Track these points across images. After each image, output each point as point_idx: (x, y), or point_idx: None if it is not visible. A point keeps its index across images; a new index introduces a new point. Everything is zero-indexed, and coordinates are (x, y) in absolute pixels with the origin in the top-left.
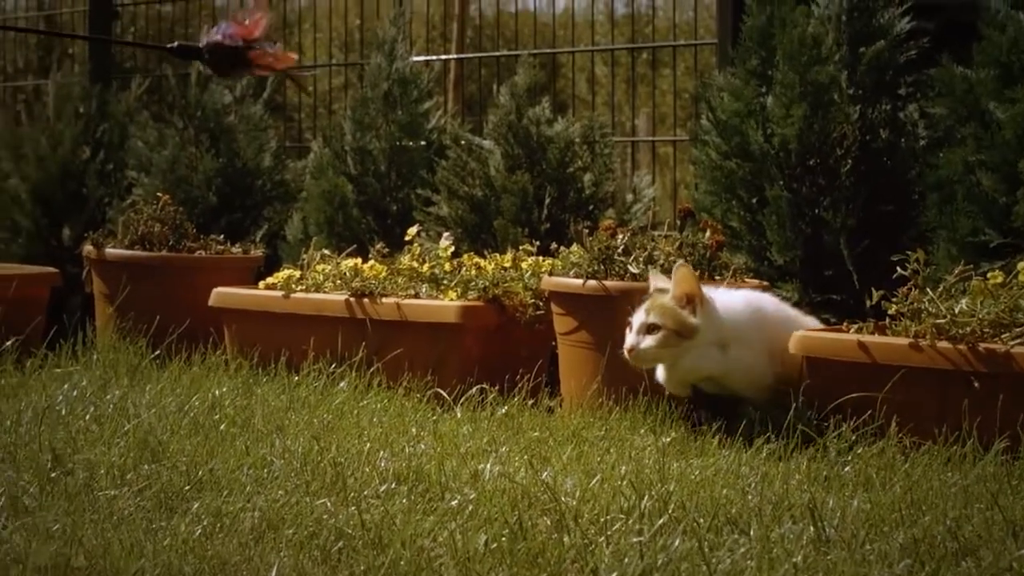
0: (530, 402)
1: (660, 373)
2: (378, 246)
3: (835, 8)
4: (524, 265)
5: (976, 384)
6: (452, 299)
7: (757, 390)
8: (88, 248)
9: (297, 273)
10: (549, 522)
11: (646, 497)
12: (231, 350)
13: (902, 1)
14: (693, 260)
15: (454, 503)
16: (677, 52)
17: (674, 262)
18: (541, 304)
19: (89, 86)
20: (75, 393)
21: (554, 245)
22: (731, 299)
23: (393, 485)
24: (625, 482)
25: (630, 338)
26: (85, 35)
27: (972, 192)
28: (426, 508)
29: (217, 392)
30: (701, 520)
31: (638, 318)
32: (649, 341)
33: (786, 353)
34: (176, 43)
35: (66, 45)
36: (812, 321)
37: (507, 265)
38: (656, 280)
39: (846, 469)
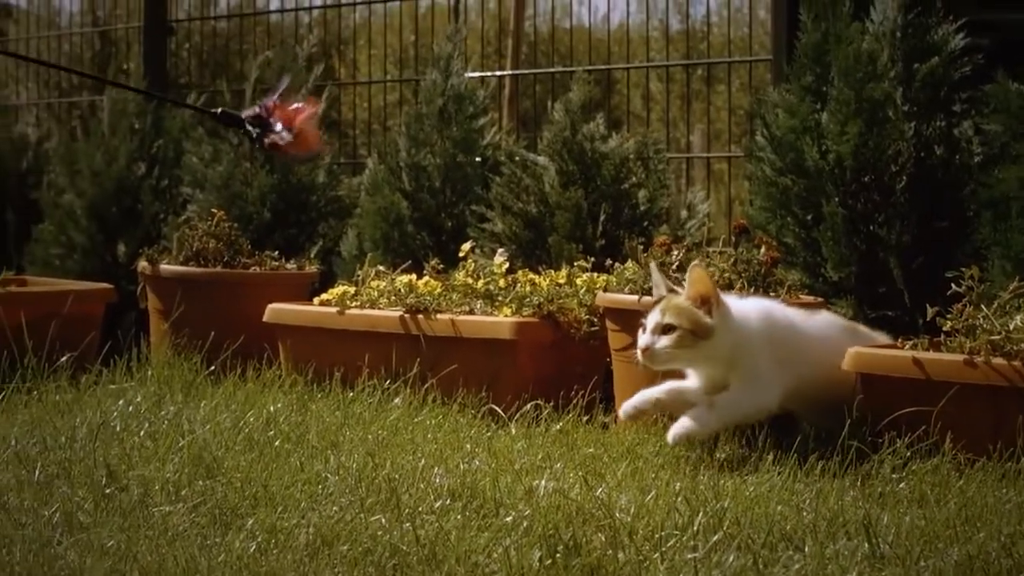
0: (585, 418)
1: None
2: (433, 262)
3: (889, 25)
4: (579, 281)
5: None
6: (507, 315)
7: (757, 410)
8: (143, 264)
9: (352, 289)
10: (604, 538)
11: (701, 513)
12: (286, 366)
13: (956, 18)
14: (748, 276)
15: (508, 519)
16: (732, 68)
17: (729, 279)
18: (596, 320)
19: (144, 102)
20: (130, 409)
21: (609, 261)
22: (742, 307)
23: (447, 501)
24: (680, 498)
25: (644, 338)
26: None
27: None
28: (480, 524)
29: (272, 408)
30: (755, 536)
31: (652, 318)
32: (664, 341)
33: (815, 367)
34: (220, 109)
35: (121, 61)
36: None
37: (562, 281)
38: (660, 287)
39: (900, 485)
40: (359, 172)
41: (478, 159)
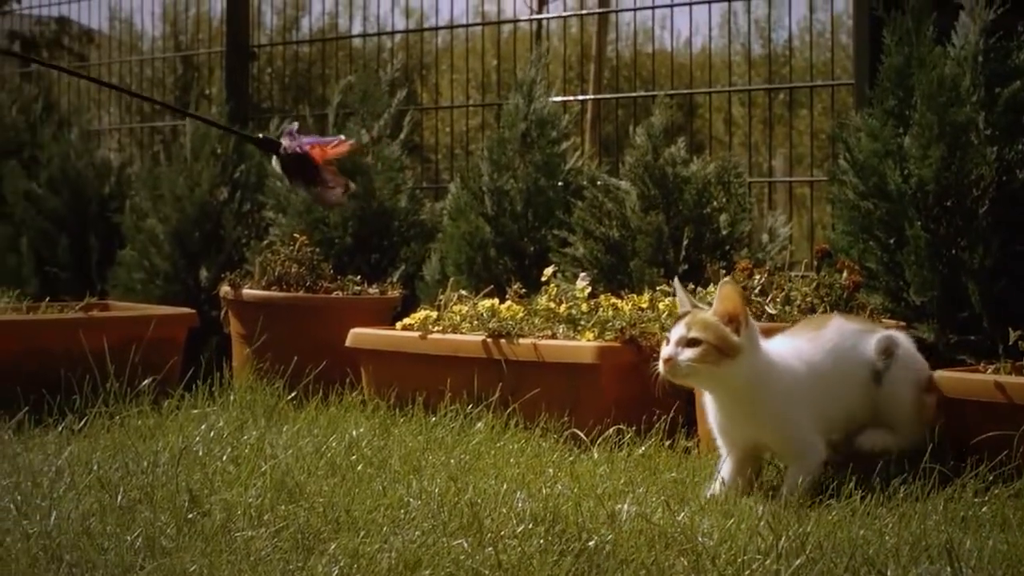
0: (667, 443)
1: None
2: (515, 287)
3: (971, 49)
4: (661, 306)
5: None
6: (589, 340)
7: (815, 471)
8: (225, 289)
9: (434, 314)
10: (686, 563)
11: (783, 538)
12: (368, 391)
13: None
14: (830, 301)
15: (591, 544)
16: (814, 92)
17: (811, 303)
18: None
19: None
20: (212, 434)
21: (691, 285)
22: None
23: (530, 525)
24: (762, 523)
25: (667, 349)
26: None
27: None
28: (563, 549)
29: (354, 433)
30: (838, 561)
31: (676, 332)
32: (688, 354)
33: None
34: (261, 135)
35: (203, 86)
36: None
37: (644, 306)
38: (685, 304)
39: (983, 509)
40: (441, 196)
41: (560, 183)
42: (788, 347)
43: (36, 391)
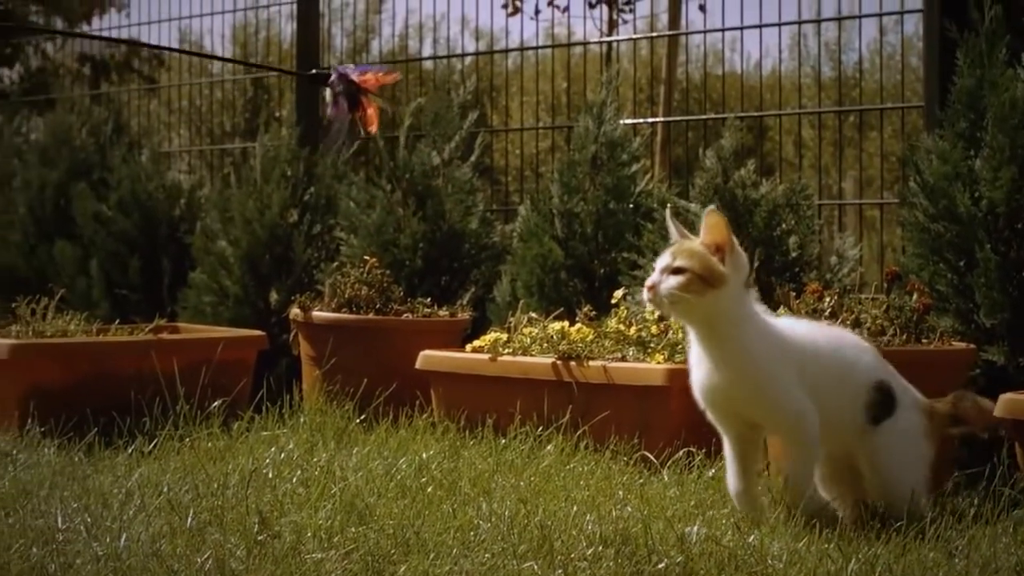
0: None
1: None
2: (585, 309)
3: None
4: None
5: None
6: (659, 362)
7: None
8: (295, 311)
9: (504, 336)
10: None
11: (853, 560)
12: (438, 413)
13: None
14: (900, 323)
15: (661, 566)
16: (884, 115)
17: (881, 326)
18: None
19: (297, 149)
20: (282, 456)
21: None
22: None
23: (600, 548)
24: (832, 545)
25: (651, 277)
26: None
27: None
28: (633, 571)
29: (424, 455)
30: None
31: (662, 261)
32: (672, 282)
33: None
34: (313, 70)
35: (274, 107)
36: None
37: None
38: (674, 235)
39: None
40: (511, 219)
41: (630, 206)
42: (788, 321)
43: (106, 413)
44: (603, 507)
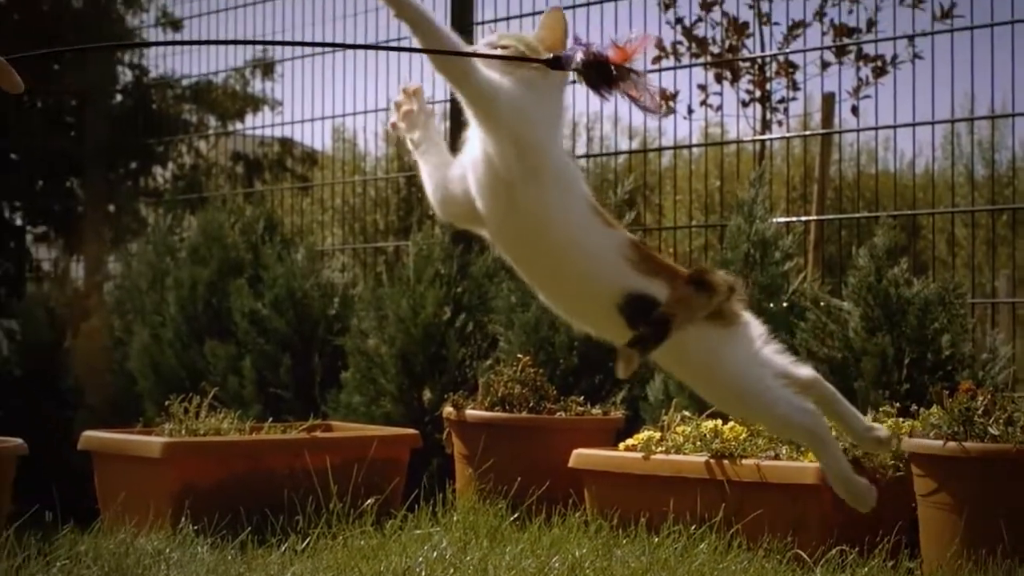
0: (890, 563)
1: None
2: None
3: None
4: (884, 426)
5: None
6: (812, 461)
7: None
8: (448, 409)
9: (657, 434)
10: None
11: None
12: (591, 511)
13: None
14: None
15: None
16: None
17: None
18: (901, 466)
19: (450, 247)
20: (435, 555)
21: (913, 406)
22: None
23: None
24: None
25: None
26: None
27: None
28: None
29: (577, 553)
30: None
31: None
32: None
33: None
34: (552, 55)
35: (427, 207)
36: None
37: None
38: None
39: None
40: None
41: (783, 304)
42: None
43: (259, 511)
44: None
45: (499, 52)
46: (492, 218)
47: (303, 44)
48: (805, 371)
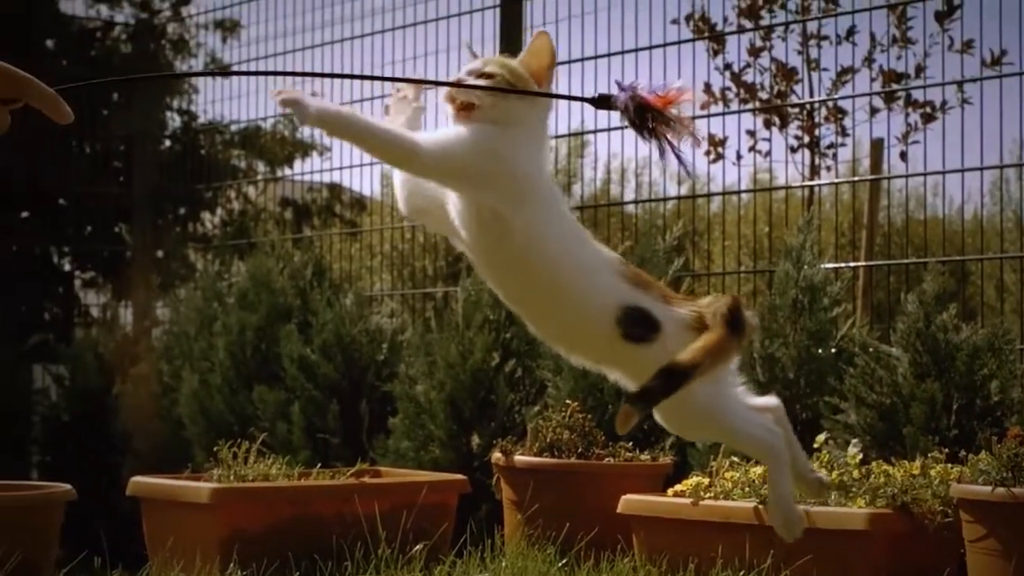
0: None
1: None
2: None
3: None
4: (932, 472)
5: None
6: (860, 507)
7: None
8: (497, 455)
9: (706, 480)
10: None
11: None
12: (639, 557)
13: None
14: None
15: None
16: None
17: None
18: (949, 512)
19: None
20: None
21: (962, 452)
22: None
23: None
24: None
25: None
26: None
27: None
28: None
29: None
30: None
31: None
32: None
33: None
34: (599, 94)
35: None
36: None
37: (915, 472)
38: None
39: None
40: None
41: (832, 350)
42: None
43: (308, 557)
44: None
45: (496, 82)
46: (481, 249)
47: (341, 76)
48: (769, 398)
